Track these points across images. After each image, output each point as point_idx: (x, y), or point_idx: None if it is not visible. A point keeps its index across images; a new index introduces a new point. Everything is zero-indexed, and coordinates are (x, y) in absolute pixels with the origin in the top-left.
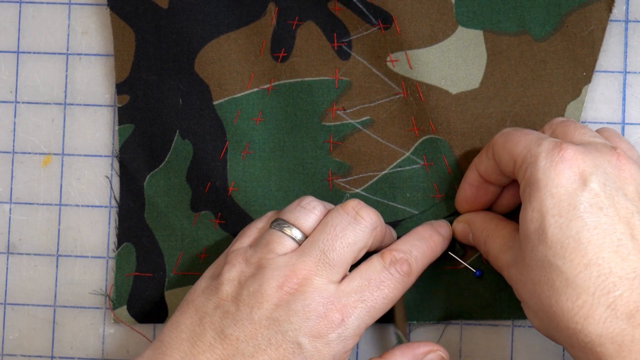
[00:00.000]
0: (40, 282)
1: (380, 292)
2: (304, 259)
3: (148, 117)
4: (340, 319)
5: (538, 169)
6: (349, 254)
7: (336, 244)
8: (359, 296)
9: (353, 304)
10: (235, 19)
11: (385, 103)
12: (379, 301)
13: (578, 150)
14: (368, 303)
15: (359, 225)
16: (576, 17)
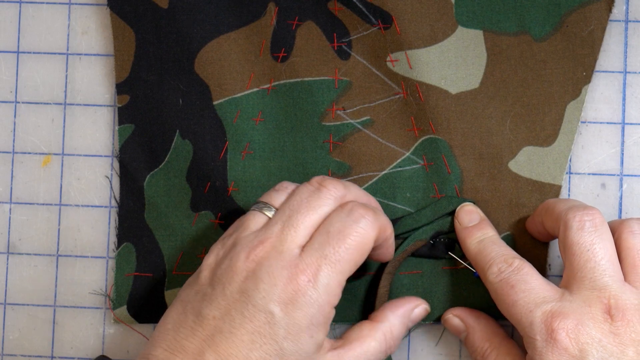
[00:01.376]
0: (40, 282)
1: (343, 241)
2: (271, 228)
3: (148, 117)
4: (306, 280)
5: (537, 353)
6: (313, 216)
7: (301, 208)
8: (319, 253)
9: (316, 262)
10: (235, 19)
11: (385, 103)
12: (343, 252)
13: (571, 327)
14: (331, 257)
15: (322, 193)
16: (576, 17)
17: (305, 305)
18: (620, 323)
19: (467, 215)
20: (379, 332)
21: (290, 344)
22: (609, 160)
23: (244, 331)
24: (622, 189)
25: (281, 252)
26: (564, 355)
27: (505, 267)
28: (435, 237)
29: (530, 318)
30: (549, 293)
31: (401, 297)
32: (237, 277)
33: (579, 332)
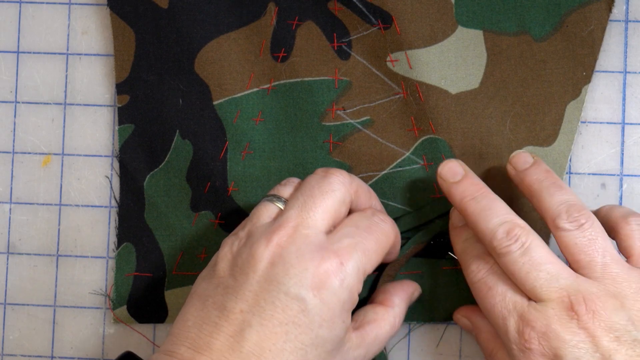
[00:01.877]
0: (40, 282)
1: (371, 235)
2: (287, 213)
3: (148, 117)
4: (338, 262)
5: (515, 358)
6: (328, 200)
7: (314, 193)
8: (351, 239)
9: (347, 248)
10: (235, 19)
11: (385, 103)
12: (372, 244)
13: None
14: (361, 245)
15: (330, 178)
16: (576, 17)
17: (338, 290)
18: (586, 317)
19: (457, 216)
20: (390, 316)
21: (325, 331)
22: (609, 160)
23: (276, 322)
24: (622, 189)
25: (307, 235)
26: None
27: (482, 265)
28: (435, 238)
29: (505, 327)
30: (518, 298)
31: (401, 281)
32: (261, 264)
33: (549, 339)
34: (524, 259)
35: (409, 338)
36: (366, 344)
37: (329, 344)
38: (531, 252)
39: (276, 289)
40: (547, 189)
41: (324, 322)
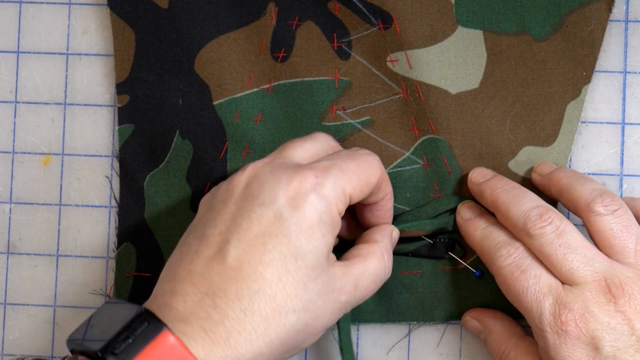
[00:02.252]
0: (40, 282)
1: (352, 159)
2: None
3: (148, 117)
4: (313, 175)
5: (550, 347)
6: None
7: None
8: (329, 161)
9: (324, 166)
10: (235, 19)
11: (385, 103)
12: (352, 165)
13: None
14: (339, 165)
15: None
16: (576, 17)
17: (314, 201)
18: (622, 300)
19: (468, 209)
20: (377, 249)
21: (303, 241)
22: (609, 160)
23: (252, 235)
24: (622, 189)
25: (283, 161)
26: (577, 346)
27: (513, 250)
28: (435, 237)
29: (540, 309)
30: (553, 282)
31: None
32: (237, 187)
33: (587, 321)
34: (560, 241)
35: (409, 338)
36: (353, 275)
37: (310, 256)
38: (566, 235)
39: (251, 204)
40: (578, 180)
41: (302, 231)
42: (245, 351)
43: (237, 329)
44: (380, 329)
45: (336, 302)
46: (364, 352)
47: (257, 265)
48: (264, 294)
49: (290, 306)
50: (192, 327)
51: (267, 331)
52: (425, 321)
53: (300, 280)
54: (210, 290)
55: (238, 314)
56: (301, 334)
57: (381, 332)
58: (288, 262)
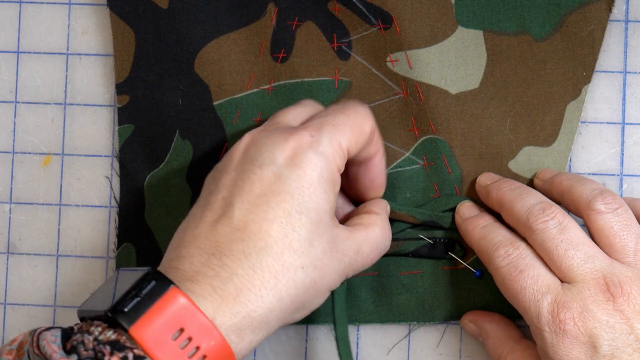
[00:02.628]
0: (40, 282)
1: (342, 112)
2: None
3: (148, 117)
4: (308, 135)
5: (547, 346)
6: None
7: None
8: (321, 119)
9: (318, 124)
10: (235, 19)
11: (385, 103)
12: (343, 118)
13: (576, 315)
14: (331, 120)
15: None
16: (576, 17)
17: (312, 157)
18: (621, 299)
19: (467, 209)
20: (378, 220)
21: (306, 198)
22: (609, 160)
23: (255, 195)
24: (622, 189)
25: (277, 127)
26: (575, 344)
27: (512, 250)
28: (435, 237)
29: (537, 308)
30: (552, 281)
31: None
32: (235, 155)
33: (585, 319)
34: (561, 237)
35: (409, 338)
36: (356, 240)
37: (313, 212)
38: (569, 231)
39: (250, 166)
40: (578, 181)
41: (303, 188)
42: (256, 307)
43: (246, 286)
44: (380, 329)
45: (340, 262)
46: (364, 352)
47: (261, 223)
48: (271, 251)
49: (298, 263)
50: (201, 286)
51: (277, 287)
52: (425, 321)
53: (305, 237)
54: (217, 250)
55: (247, 271)
56: (310, 292)
57: (381, 332)
58: (292, 219)
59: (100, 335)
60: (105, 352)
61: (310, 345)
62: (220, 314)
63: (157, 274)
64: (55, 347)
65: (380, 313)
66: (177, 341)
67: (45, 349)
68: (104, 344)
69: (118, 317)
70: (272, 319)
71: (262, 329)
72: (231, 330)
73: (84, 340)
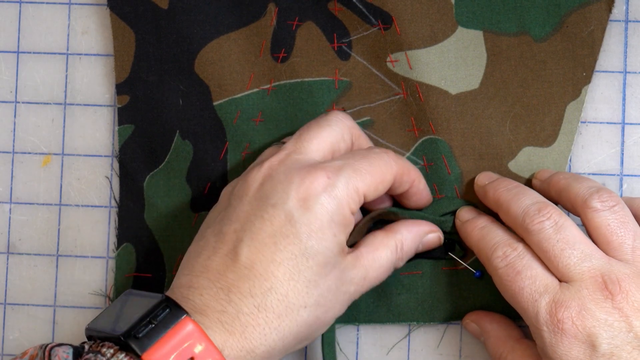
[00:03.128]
0: (40, 282)
1: (365, 158)
2: (284, 146)
3: (148, 117)
4: (325, 176)
5: (547, 345)
6: (323, 132)
7: (310, 127)
8: (342, 161)
9: (337, 166)
10: (235, 19)
11: (385, 103)
12: (365, 164)
13: (575, 314)
14: (352, 165)
15: (329, 116)
16: (576, 17)
17: (325, 200)
18: (620, 297)
19: (467, 212)
20: (391, 241)
21: (314, 242)
22: (609, 160)
23: (264, 235)
24: (622, 189)
25: (298, 159)
26: (574, 344)
27: (510, 251)
28: None
29: (535, 308)
30: (550, 280)
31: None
32: (252, 186)
33: (584, 318)
34: (558, 237)
35: (409, 338)
36: (363, 266)
37: (321, 256)
38: (565, 230)
39: (264, 204)
40: (575, 179)
41: (312, 232)
42: (259, 344)
43: (251, 324)
44: (380, 329)
45: (345, 293)
46: (364, 352)
47: (268, 264)
48: (276, 292)
49: (302, 303)
50: (210, 319)
51: (280, 327)
52: (425, 321)
53: (311, 279)
54: (225, 285)
55: (252, 310)
56: (313, 327)
57: (381, 332)
58: (299, 262)
59: (112, 358)
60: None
61: (310, 345)
62: (227, 347)
63: (170, 303)
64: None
65: (380, 313)
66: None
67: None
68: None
69: (131, 342)
70: (275, 354)
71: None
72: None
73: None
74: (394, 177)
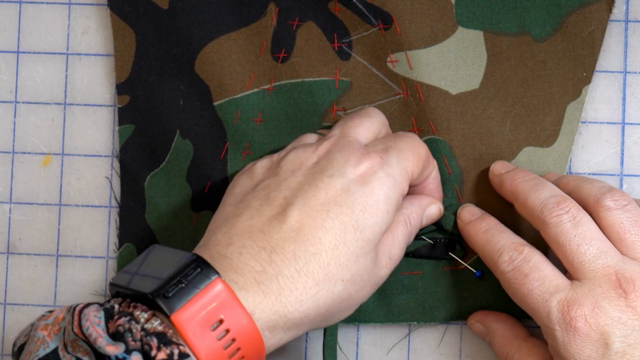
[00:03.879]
0: (40, 282)
1: (401, 140)
2: (329, 134)
3: (148, 117)
4: (379, 157)
5: (559, 344)
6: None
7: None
8: (385, 144)
9: (384, 148)
10: (235, 19)
11: (385, 103)
12: (403, 144)
13: (588, 312)
14: (395, 146)
15: (367, 109)
16: (576, 17)
17: (382, 177)
18: (634, 295)
19: (468, 213)
20: (400, 217)
21: (367, 215)
22: (609, 160)
23: (318, 202)
24: (622, 189)
25: (349, 141)
26: (586, 342)
27: (516, 255)
28: (435, 238)
29: (547, 308)
30: (560, 280)
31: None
32: (307, 162)
33: (597, 316)
34: (575, 231)
35: (409, 338)
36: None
37: (369, 230)
38: (583, 225)
39: (320, 175)
40: (585, 180)
41: (367, 206)
42: (294, 309)
43: (289, 287)
44: (380, 329)
45: (376, 277)
46: (364, 352)
47: (317, 229)
48: (319, 259)
49: (340, 275)
50: (245, 278)
51: (317, 295)
52: (426, 321)
53: (354, 252)
54: (268, 245)
55: (292, 273)
56: (344, 304)
57: (381, 332)
58: (347, 233)
59: (146, 324)
60: (152, 346)
61: (310, 345)
62: (260, 309)
63: (202, 262)
64: (100, 331)
65: (380, 313)
66: (216, 332)
67: (90, 330)
68: (150, 334)
69: (160, 301)
70: (305, 322)
71: (294, 330)
72: (266, 326)
73: (132, 329)
74: (427, 154)
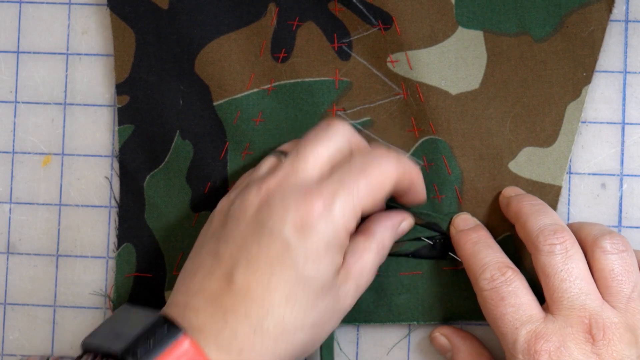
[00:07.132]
0: (40, 282)
1: (363, 173)
2: (281, 164)
3: (148, 117)
4: (321, 202)
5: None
6: (321, 148)
7: (308, 143)
8: (338, 183)
9: (333, 189)
10: (235, 19)
11: (385, 104)
12: (362, 186)
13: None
14: (350, 187)
15: (329, 129)
16: (576, 17)
17: (322, 229)
18: (601, 343)
19: (462, 221)
20: (372, 244)
21: (311, 269)
22: (609, 160)
23: (261, 261)
24: (622, 189)
25: (294, 182)
26: None
27: (498, 275)
28: (434, 238)
29: (514, 336)
30: (535, 311)
31: (387, 211)
32: (249, 209)
33: (561, 354)
34: (564, 266)
35: (409, 338)
36: (353, 277)
37: (317, 281)
38: (572, 262)
39: (260, 230)
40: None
41: (309, 259)
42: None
43: (248, 346)
44: (380, 329)
45: (341, 309)
46: (364, 352)
47: (264, 289)
48: (272, 316)
49: (299, 326)
50: (206, 339)
51: (277, 349)
52: (425, 321)
53: (308, 303)
54: (221, 307)
55: (248, 332)
56: (309, 345)
57: (381, 332)
58: (295, 288)
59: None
60: None
61: None
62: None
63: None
64: None
65: (380, 313)
66: None
67: None
68: None
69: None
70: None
71: None
72: None
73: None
74: (394, 183)
